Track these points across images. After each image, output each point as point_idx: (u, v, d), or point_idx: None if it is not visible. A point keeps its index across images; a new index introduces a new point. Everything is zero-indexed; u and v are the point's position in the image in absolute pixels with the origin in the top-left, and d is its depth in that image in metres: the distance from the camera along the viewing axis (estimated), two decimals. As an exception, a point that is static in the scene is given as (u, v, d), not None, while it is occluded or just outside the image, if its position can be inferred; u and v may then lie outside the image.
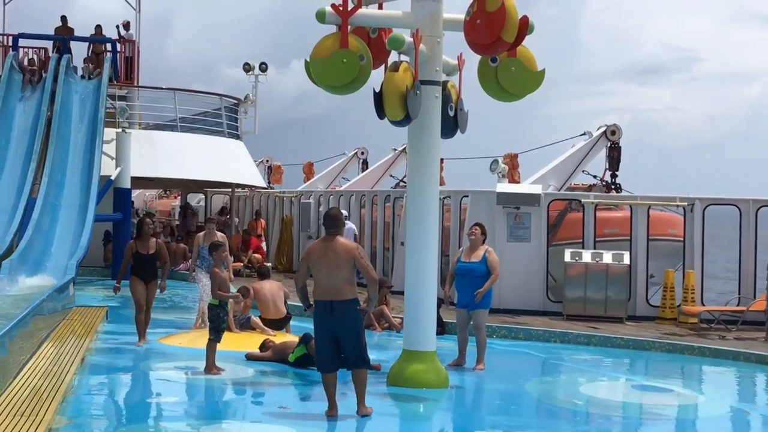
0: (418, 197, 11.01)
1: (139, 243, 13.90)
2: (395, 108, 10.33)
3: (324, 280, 9.56)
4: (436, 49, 10.82)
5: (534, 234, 19.05)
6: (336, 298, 9.50)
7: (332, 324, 9.52)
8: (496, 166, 21.53)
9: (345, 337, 9.56)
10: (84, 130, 25.77)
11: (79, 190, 23.88)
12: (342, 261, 9.52)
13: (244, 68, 30.85)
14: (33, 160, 24.05)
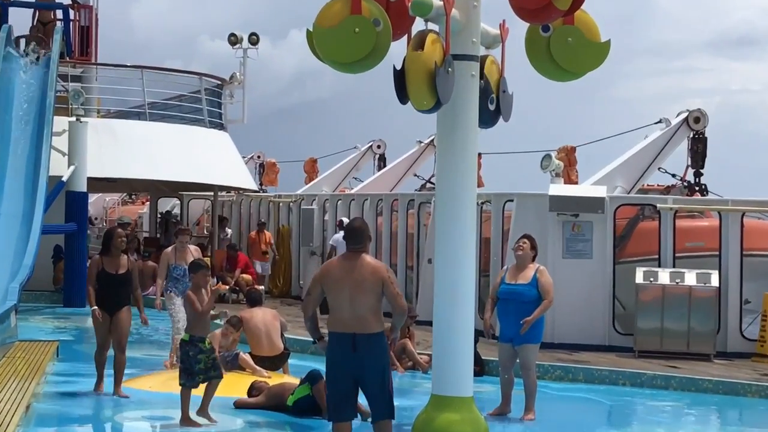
0: (450, 202, 11.00)
1: (107, 260, 13.50)
2: (422, 91, 10.30)
3: (345, 307, 9.58)
4: (473, 15, 10.81)
5: (597, 248, 19.01)
6: (360, 331, 9.55)
7: (353, 362, 9.56)
8: (549, 162, 21.52)
9: (368, 378, 9.58)
10: (28, 120, 25.86)
11: (21, 194, 23.95)
12: (368, 285, 9.56)
13: (230, 40, 31.01)
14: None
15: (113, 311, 13.46)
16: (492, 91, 11.22)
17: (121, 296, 13.50)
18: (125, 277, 13.48)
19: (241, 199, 32.59)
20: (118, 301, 13.47)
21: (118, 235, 13.62)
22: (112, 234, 13.67)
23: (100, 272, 13.41)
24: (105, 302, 13.41)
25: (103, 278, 13.39)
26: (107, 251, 13.51)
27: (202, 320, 11.99)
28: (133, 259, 14.20)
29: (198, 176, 28.98)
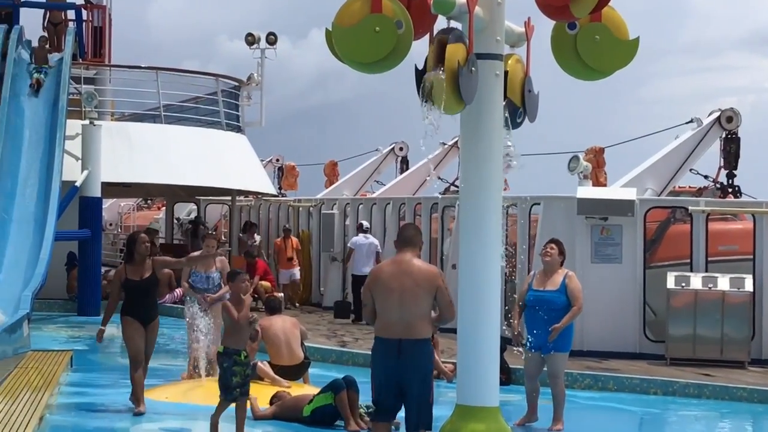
0: (475, 205, 10.97)
1: (130, 268, 13.19)
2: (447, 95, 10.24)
3: (393, 312, 9.59)
4: (497, 12, 10.80)
5: (626, 252, 18.95)
6: (406, 336, 9.56)
7: (397, 369, 9.57)
8: (576, 164, 21.47)
9: (410, 385, 9.59)
10: (41, 123, 25.98)
11: (34, 200, 24.07)
12: (421, 291, 9.57)
13: (247, 41, 31.05)
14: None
15: (147, 321, 13.16)
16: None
17: (152, 303, 13.25)
18: (150, 281, 13.18)
19: (260, 204, 32.62)
20: (151, 309, 13.20)
21: (141, 240, 13.26)
22: (135, 239, 13.32)
23: (124, 282, 13.15)
24: (137, 311, 13.11)
25: (129, 287, 13.13)
26: (130, 258, 13.24)
27: (238, 331, 11.74)
28: (157, 258, 13.78)
29: (215, 180, 29.04)
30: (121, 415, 13.35)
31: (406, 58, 10.59)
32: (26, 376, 14.79)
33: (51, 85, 26.49)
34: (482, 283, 11.05)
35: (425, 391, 9.66)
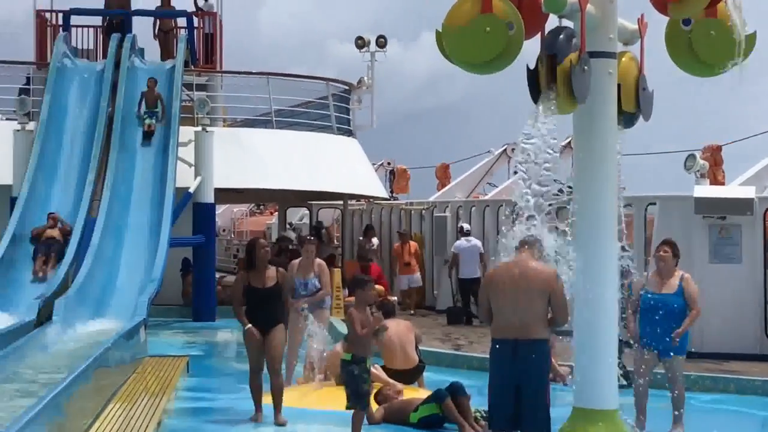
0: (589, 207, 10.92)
1: (253, 274, 12.89)
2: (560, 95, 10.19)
3: (508, 313, 9.60)
4: (609, 10, 10.73)
5: (746, 253, 18.69)
6: (522, 337, 9.57)
7: (513, 370, 9.58)
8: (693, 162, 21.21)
9: (526, 386, 9.59)
10: (154, 130, 26.39)
11: (149, 207, 24.47)
12: (536, 292, 9.58)
13: (357, 44, 31.19)
14: (91, 169, 24.76)
15: (267, 329, 12.88)
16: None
17: (273, 312, 12.89)
18: (274, 290, 12.88)
19: (372, 208, 32.75)
20: (272, 317, 12.88)
21: (260, 246, 12.99)
22: (255, 246, 13.02)
23: (246, 288, 12.87)
24: (257, 320, 12.83)
25: (251, 294, 12.83)
26: (251, 264, 12.93)
27: (365, 339, 11.74)
28: (282, 271, 13.40)
29: (327, 185, 29.20)
30: (238, 420, 13.48)
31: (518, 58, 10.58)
32: (144, 381, 15.05)
33: (165, 91, 26.86)
34: (598, 285, 10.98)
35: (541, 392, 9.64)
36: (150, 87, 26.34)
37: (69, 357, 16.10)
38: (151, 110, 26.16)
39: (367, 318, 11.72)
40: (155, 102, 26.22)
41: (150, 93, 26.32)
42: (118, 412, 12.59)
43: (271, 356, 12.91)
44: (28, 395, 12.91)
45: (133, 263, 23.18)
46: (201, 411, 14.15)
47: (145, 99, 26.27)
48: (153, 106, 26.20)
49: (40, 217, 23.99)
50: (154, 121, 26.02)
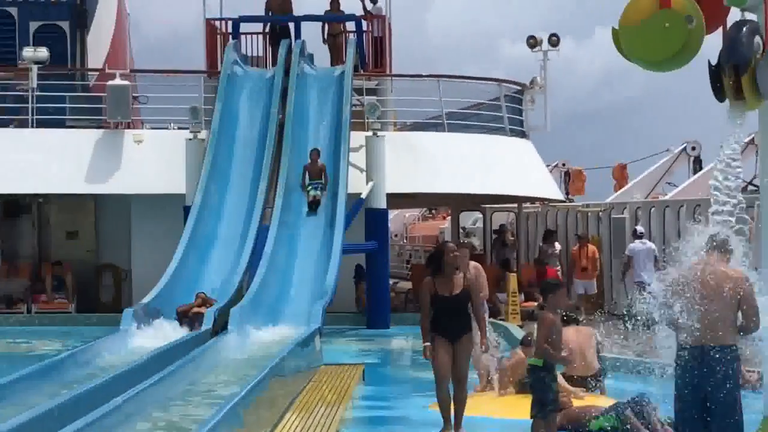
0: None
1: (440, 281, 12.34)
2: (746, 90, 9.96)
3: (695, 318, 9.43)
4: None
5: None
6: (709, 343, 9.41)
7: (700, 378, 9.41)
8: None
9: (714, 397, 9.41)
10: (324, 136, 26.71)
11: (322, 214, 24.75)
12: (724, 295, 9.39)
13: (529, 43, 31.02)
14: (263, 177, 25.18)
15: (454, 339, 12.32)
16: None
17: (461, 321, 12.35)
18: (462, 298, 12.35)
19: (547, 211, 32.57)
20: (459, 326, 12.35)
21: (449, 250, 12.46)
22: (443, 250, 12.54)
23: (433, 296, 12.29)
24: (445, 329, 12.29)
25: (438, 302, 12.28)
26: (438, 270, 12.43)
27: (555, 343, 11.63)
28: (470, 276, 12.90)
29: (501, 188, 29.10)
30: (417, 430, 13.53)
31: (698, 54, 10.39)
32: (319, 390, 15.19)
33: (334, 99, 27.16)
34: (789, 287, 10.71)
35: (731, 400, 9.41)
36: (313, 159, 25.36)
37: (245, 366, 16.40)
38: (315, 181, 25.25)
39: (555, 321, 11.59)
40: (319, 174, 25.32)
41: (313, 165, 25.31)
42: (295, 422, 12.72)
43: (458, 367, 12.36)
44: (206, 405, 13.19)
45: (307, 271, 23.49)
46: (379, 420, 14.23)
47: (309, 172, 25.33)
48: (317, 178, 25.31)
49: (213, 226, 24.51)
50: (319, 192, 25.12)
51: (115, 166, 27.21)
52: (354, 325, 25.98)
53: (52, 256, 29.51)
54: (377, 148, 26.05)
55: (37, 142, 27.45)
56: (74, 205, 29.93)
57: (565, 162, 38.98)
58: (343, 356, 20.18)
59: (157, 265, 23.41)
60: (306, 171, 25.37)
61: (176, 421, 12.49)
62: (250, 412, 11.22)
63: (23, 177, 27.05)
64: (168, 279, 22.08)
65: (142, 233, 27.25)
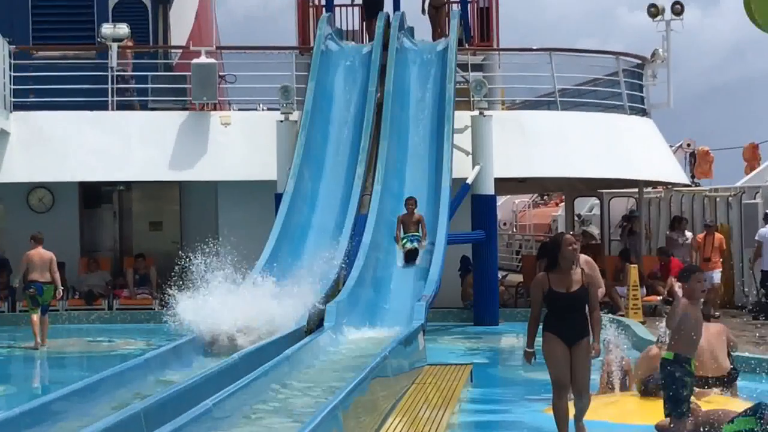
0: None
1: (554, 276, 11.94)
2: None
3: None
4: None
5: None
6: None
7: None
8: None
9: None
10: (426, 117, 26.69)
11: (424, 201, 24.72)
12: None
13: (650, 12, 30.73)
14: (360, 162, 25.23)
15: (573, 340, 11.91)
16: None
17: (579, 322, 11.94)
18: (580, 295, 11.91)
19: (670, 195, 32.25)
20: (577, 328, 11.95)
21: (567, 242, 12.03)
22: (560, 242, 12.10)
23: (546, 293, 11.90)
24: (561, 330, 11.91)
25: (552, 300, 11.90)
26: (553, 264, 12.01)
27: (690, 335, 11.52)
28: (589, 273, 12.49)
29: (619, 171, 28.92)
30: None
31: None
32: (424, 392, 15.20)
33: (437, 75, 27.12)
34: None
35: None
36: (409, 210, 23.51)
37: (343, 366, 16.46)
38: (412, 234, 23.52)
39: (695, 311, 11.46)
40: (417, 226, 23.61)
41: (408, 217, 23.57)
42: (399, 426, 12.75)
43: (577, 377, 11.91)
44: (303, 408, 13.26)
45: (410, 264, 23.49)
46: (488, 425, 14.23)
47: (403, 224, 23.59)
48: (414, 231, 23.59)
49: (307, 215, 24.62)
50: (416, 245, 23.38)
51: (200, 150, 27.50)
52: (460, 322, 26.00)
53: (134, 248, 29.91)
54: (484, 129, 25.98)
55: (118, 125, 27.83)
56: (157, 193, 30.34)
57: (690, 142, 38.56)
58: (448, 355, 20.21)
59: (246, 257, 23.57)
60: (401, 223, 23.63)
61: (270, 426, 12.57)
62: (350, 416, 11.24)
63: (103, 164, 27.47)
64: (259, 272, 22.18)
65: (230, 223, 27.46)
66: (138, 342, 23.03)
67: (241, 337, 18.37)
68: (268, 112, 28.35)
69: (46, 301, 22.37)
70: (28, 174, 27.47)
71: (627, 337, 17.17)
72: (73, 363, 21.13)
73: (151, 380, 15.13)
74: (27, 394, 17.04)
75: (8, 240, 28.35)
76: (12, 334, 24.23)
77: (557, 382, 11.94)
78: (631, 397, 14.49)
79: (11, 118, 27.27)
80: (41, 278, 22.31)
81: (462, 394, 15.54)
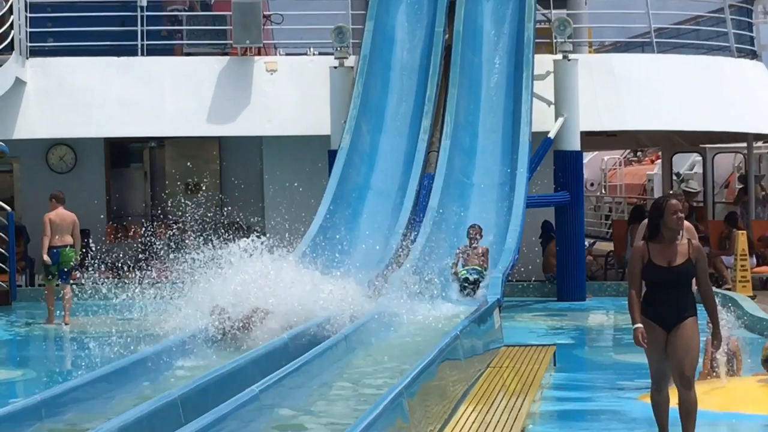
0: None
1: (655, 247, 11.57)
2: None
3: None
4: None
5: None
6: None
7: None
8: None
9: None
10: (502, 61, 26.59)
11: (499, 158, 24.70)
12: None
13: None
14: (426, 113, 25.19)
15: (671, 324, 11.54)
16: None
17: (682, 301, 11.53)
18: (684, 270, 11.53)
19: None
20: (679, 308, 11.55)
21: (671, 208, 11.52)
22: (662, 208, 11.58)
23: (645, 266, 11.56)
24: (659, 313, 11.55)
25: (652, 274, 11.55)
26: (655, 233, 11.60)
27: None
28: (697, 244, 11.88)
29: (724, 123, 28.74)
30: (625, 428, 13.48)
31: None
32: (500, 377, 15.24)
33: (514, 14, 26.97)
34: None
35: None
36: (472, 239, 21.85)
37: (408, 348, 16.48)
38: (473, 268, 21.72)
39: None
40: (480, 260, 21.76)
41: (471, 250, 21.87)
42: (472, 416, 12.78)
43: (679, 361, 11.50)
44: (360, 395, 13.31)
45: (482, 230, 23.43)
46: (574, 415, 14.25)
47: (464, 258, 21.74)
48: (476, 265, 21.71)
49: (365, 175, 24.59)
50: (479, 278, 21.58)
51: (243, 101, 27.56)
52: (541, 297, 25.99)
53: (168, 213, 30.01)
54: (568, 75, 25.91)
55: (148, 73, 27.91)
56: (194, 150, 30.40)
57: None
58: (528, 335, 20.23)
59: (296, 223, 23.60)
60: (459, 257, 21.68)
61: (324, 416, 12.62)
62: (416, 404, 11.25)
63: (132, 117, 27.57)
64: (310, 241, 22.21)
65: (278, 184, 27.54)
66: (174, 321, 23.10)
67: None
68: (319, 57, 28.33)
69: (67, 265, 22.44)
70: (47, 129, 27.64)
71: (734, 314, 17.07)
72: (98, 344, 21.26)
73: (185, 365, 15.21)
74: (48, 379, 17.21)
75: (26, 203, 28.56)
76: (31, 311, 24.42)
77: (656, 377, 11.70)
78: (739, 383, 14.44)
79: (27, 65, 27.42)
80: (59, 242, 22.41)
81: (544, 379, 15.56)
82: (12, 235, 25.95)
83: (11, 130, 27.06)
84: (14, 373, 18.12)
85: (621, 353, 18.59)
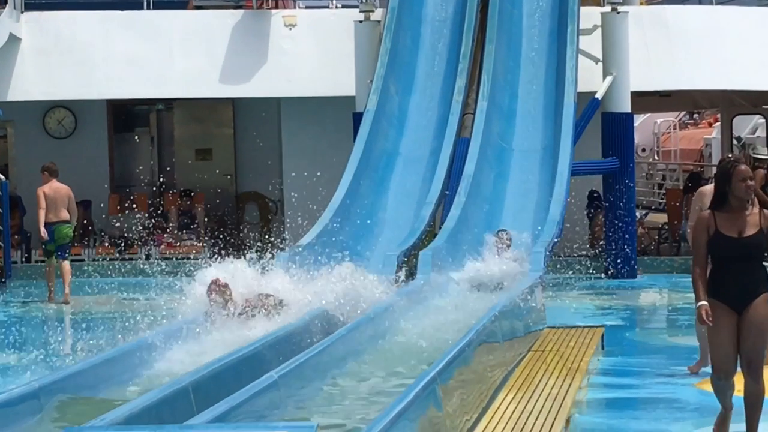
0: None
1: (722, 216, 11.32)
2: None
3: None
4: None
5: None
6: None
7: None
8: None
9: None
10: (544, 14, 26.51)
11: (541, 120, 24.66)
12: None
13: None
14: (460, 72, 25.16)
15: (741, 303, 11.31)
16: None
17: (754, 277, 11.32)
18: (756, 242, 11.33)
19: None
20: (750, 285, 11.30)
21: (740, 174, 11.29)
22: (729, 173, 11.34)
23: (712, 237, 11.32)
24: (728, 291, 11.31)
25: (719, 246, 11.32)
26: (723, 201, 11.38)
27: None
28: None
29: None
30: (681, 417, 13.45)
31: None
32: (543, 362, 15.25)
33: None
34: None
35: None
36: (498, 247, 20.38)
37: (441, 329, 16.44)
38: None
39: None
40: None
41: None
42: (511, 404, 12.78)
43: (748, 346, 11.26)
44: (392, 380, 13.31)
45: (521, 198, 23.43)
46: (624, 403, 14.25)
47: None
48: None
49: (394, 139, 24.55)
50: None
51: (259, 59, 27.55)
52: (588, 274, 25.87)
53: (177, 183, 30.05)
54: (618, 30, 25.89)
55: (155, 28, 27.92)
56: (205, 113, 30.44)
57: None
58: (574, 316, 20.21)
59: (317, 192, 23.60)
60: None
61: (348, 404, 12.63)
62: (451, 391, 11.24)
63: (137, 77, 27.60)
64: (334, 212, 22.20)
65: (297, 150, 27.59)
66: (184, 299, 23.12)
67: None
68: (343, 10, 28.32)
69: (63, 241, 22.48)
70: (45, 91, 27.69)
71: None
72: (102, 325, 21.30)
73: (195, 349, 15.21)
74: (47, 363, 17.25)
75: (21, 171, 28.67)
76: (27, 290, 24.49)
77: (721, 365, 11.38)
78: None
79: (22, 20, 27.46)
80: (54, 218, 22.42)
81: (591, 364, 15.55)
82: (6, 207, 26.02)
83: (5, 91, 27.12)
84: (10, 357, 18.15)
85: (675, 336, 18.58)
